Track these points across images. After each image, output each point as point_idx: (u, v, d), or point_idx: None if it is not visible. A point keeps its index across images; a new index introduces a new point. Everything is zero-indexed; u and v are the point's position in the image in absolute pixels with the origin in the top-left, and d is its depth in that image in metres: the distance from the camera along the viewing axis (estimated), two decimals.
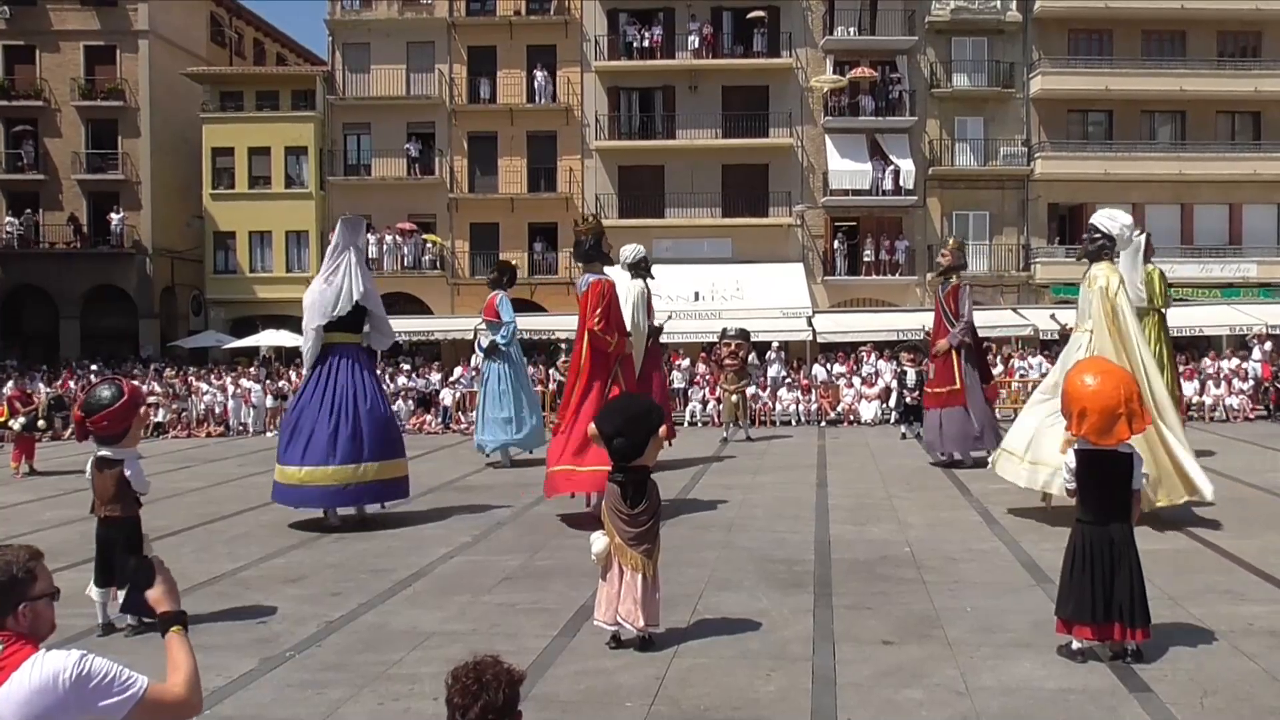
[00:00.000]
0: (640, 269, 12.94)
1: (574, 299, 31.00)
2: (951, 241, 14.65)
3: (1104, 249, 9.31)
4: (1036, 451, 9.50)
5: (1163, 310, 13.09)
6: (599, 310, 9.80)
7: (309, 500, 10.07)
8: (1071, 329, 9.90)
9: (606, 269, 10.34)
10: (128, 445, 6.84)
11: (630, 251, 12.79)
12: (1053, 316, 14.42)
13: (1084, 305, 9.46)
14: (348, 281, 10.16)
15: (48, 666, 2.46)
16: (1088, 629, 5.59)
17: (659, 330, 14.22)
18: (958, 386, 13.14)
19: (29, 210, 35.32)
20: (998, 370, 22.58)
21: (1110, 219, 9.35)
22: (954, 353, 13.27)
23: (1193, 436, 13.37)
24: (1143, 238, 12.89)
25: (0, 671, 2.44)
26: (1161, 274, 13.19)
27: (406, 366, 25.44)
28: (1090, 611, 5.56)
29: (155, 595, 2.84)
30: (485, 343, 15.37)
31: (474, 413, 17.09)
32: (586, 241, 10.15)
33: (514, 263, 18.51)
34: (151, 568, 2.85)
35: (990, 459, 11.25)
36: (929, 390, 14.15)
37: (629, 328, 10.83)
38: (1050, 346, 24.52)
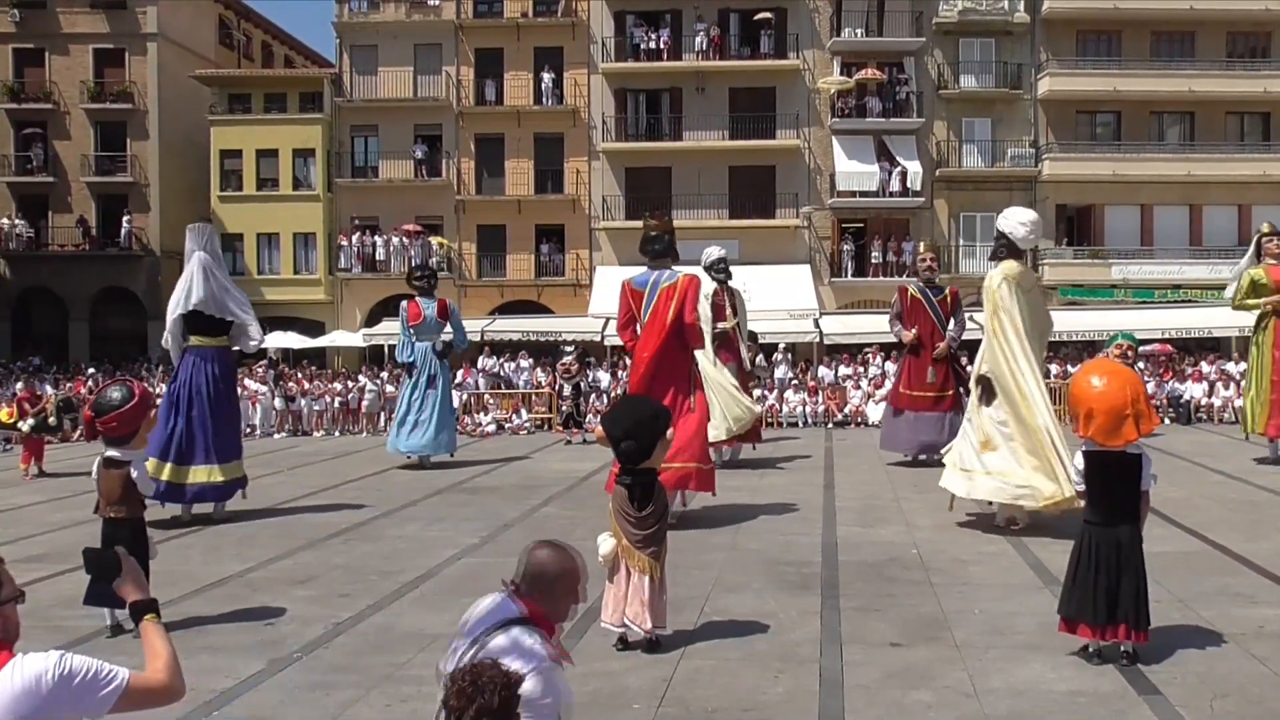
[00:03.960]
0: (719, 270, 13.20)
1: (581, 300, 31.50)
2: (921, 247, 14.80)
3: (1000, 250, 9.31)
4: (953, 456, 9.65)
5: None
6: (682, 304, 9.48)
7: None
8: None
9: (676, 267, 10.13)
10: (135, 447, 6.87)
11: (716, 252, 13.05)
12: (971, 318, 14.30)
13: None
14: (186, 286, 11.14)
15: (29, 669, 2.45)
16: (1088, 628, 5.58)
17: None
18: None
19: (42, 218, 35.46)
20: None
21: (1020, 223, 9.25)
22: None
23: (1202, 438, 13.36)
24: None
25: None
26: None
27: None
28: (1092, 612, 5.55)
29: (124, 586, 2.84)
30: (439, 346, 15.37)
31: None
32: (663, 239, 9.96)
33: (432, 267, 18.12)
34: (117, 559, 2.85)
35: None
36: None
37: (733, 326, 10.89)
38: (1058, 349, 24.47)
